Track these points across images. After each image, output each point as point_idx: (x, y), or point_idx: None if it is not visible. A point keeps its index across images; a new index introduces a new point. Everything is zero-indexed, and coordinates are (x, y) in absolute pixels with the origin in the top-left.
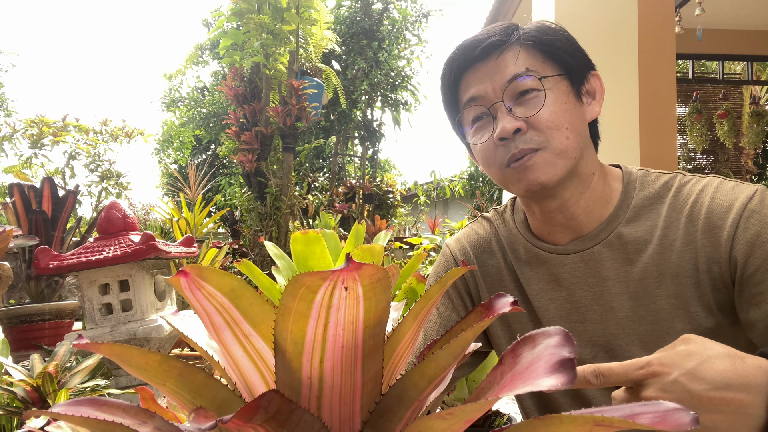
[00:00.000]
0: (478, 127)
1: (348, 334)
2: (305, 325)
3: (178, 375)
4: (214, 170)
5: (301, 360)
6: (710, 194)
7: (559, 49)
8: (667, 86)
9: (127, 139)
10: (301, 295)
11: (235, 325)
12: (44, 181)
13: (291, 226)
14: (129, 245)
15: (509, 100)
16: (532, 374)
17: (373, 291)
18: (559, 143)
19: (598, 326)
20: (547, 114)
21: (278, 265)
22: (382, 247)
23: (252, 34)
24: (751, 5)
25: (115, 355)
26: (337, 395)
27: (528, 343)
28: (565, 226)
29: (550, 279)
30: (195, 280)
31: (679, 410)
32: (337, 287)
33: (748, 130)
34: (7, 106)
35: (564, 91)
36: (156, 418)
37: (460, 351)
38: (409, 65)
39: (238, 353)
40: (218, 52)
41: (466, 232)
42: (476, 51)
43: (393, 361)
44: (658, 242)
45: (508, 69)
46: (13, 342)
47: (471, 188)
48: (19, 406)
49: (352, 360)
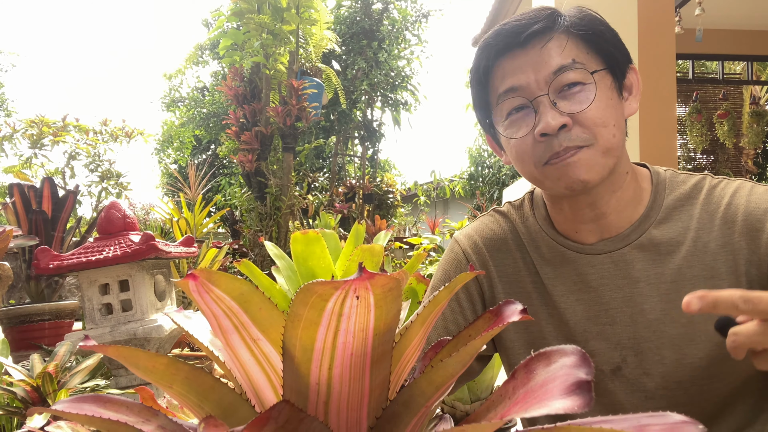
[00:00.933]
0: (514, 119)
1: (358, 341)
2: (315, 332)
3: (185, 378)
4: (214, 170)
5: (310, 366)
6: (744, 197)
7: (607, 41)
8: (667, 86)
9: (127, 139)
10: (312, 302)
11: (243, 329)
12: (44, 181)
13: (291, 226)
14: (129, 245)
15: (553, 92)
16: (546, 394)
17: (385, 300)
18: (606, 141)
19: (628, 329)
20: (596, 110)
21: (278, 265)
22: (382, 247)
23: (252, 34)
24: (751, 5)
25: (123, 357)
26: (345, 401)
27: (543, 360)
28: (594, 224)
29: (577, 280)
30: (204, 283)
31: (688, 423)
32: (348, 296)
33: (748, 130)
34: (7, 106)
35: (609, 85)
36: (159, 415)
37: (468, 359)
38: (409, 65)
39: (245, 356)
40: (218, 52)
41: (477, 226)
42: (520, 37)
43: (400, 367)
44: (691, 244)
45: (553, 60)
46: (13, 342)
47: (471, 188)
48: (19, 406)
49: (360, 367)
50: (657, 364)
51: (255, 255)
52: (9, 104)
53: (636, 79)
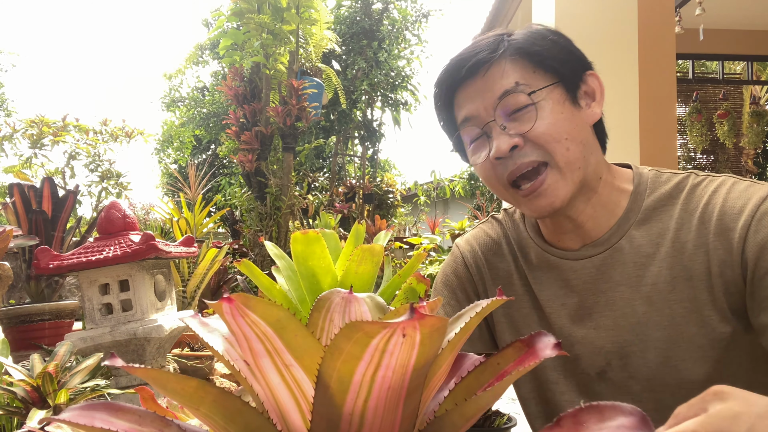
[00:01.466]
0: (475, 146)
1: (397, 376)
2: (355, 366)
3: (212, 401)
4: (214, 170)
5: (345, 398)
6: (723, 195)
7: (548, 57)
8: (667, 86)
9: (127, 139)
10: (357, 339)
11: (276, 354)
12: (44, 181)
13: (291, 226)
14: (129, 245)
15: (502, 117)
16: None
17: (431, 338)
18: (561, 156)
19: (612, 332)
20: (543, 127)
21: (278, 265)
22: (382, 247)
23: (252, 34)
24: (751, 5)
25: (151, 379)
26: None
27: (595, 414)
28: (574, 233)
29: (561, 284)
30: (239, 307)
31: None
32: (395, 334)
33: (748, 130)
34: (7, 106)
35: (558, 99)
36: (173, 425)
37: (501, 392)
38: (409, 65)
39: (275, 380)
40: (218, 52)
41: (476, 233)
42: (462, 71)
43: (427, 393)
44: (670, 245)
45: (496, 85)
46: (13, 342)
47: (471, 188)
48: (19, 406)
49: (396, 400)
50: (642, 367)
51: (255, 255)
52: (9, 104)
53: (598, 84)
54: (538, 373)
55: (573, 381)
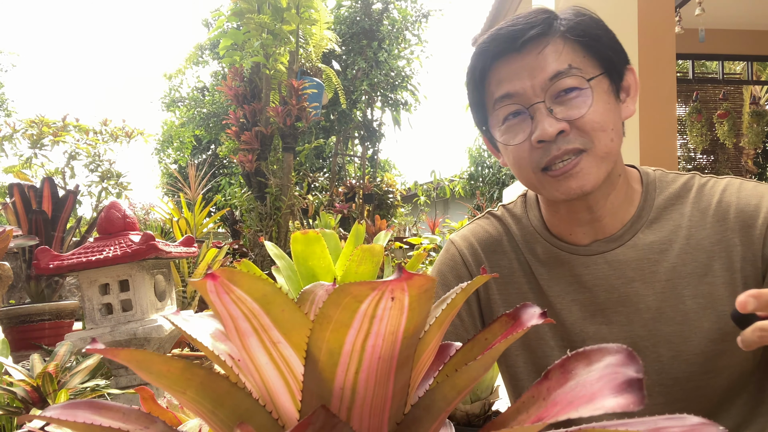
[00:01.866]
0: (510, 125)
1: (387, 344)
2: (345, 334)
3: (200, 383)
4: (214, 170)
5: (336, 371)
6: (734, 193)
7: (600, 44)
8: (667, 86)
9: (127, 139)
10: (345, 304)
11: (263, 332)
12: (44, 181)
13: (291, 226)
14: (129, 245)
15: (549, 99)
16: (594, 394)
17: (419, 302)
18: (604, 146)
19: (624, 328)
20: (593, 115)
21: (278, 265)
22: (382, 247)
23: (252, 34)
24: (751, 5)
25: (135, 361)
26: (368, 406)
27: (582, 360)
28: (589, 226)
29: (572, 280)
30: (224, 283)
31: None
32: (384, 297)
33: (748, 130)
34: (7, 106)
35: (606, 89)
36: (158, 422)
37: (491, 362)
38: (409, 65)
39: (262, 360)
40: (218, 52)
41: (473, 228)
42: (517, 43)
43: (417, 370)
44: (684, 242)
45: (549, 66)
46: (13, 342)
47: (471, 188)
48: (19, 406)
49: (386, 370)
50: (653, 361)
51: (255, 255)
52: (9, 104)
53: (634, 79)
54: (539, 365)
55: None
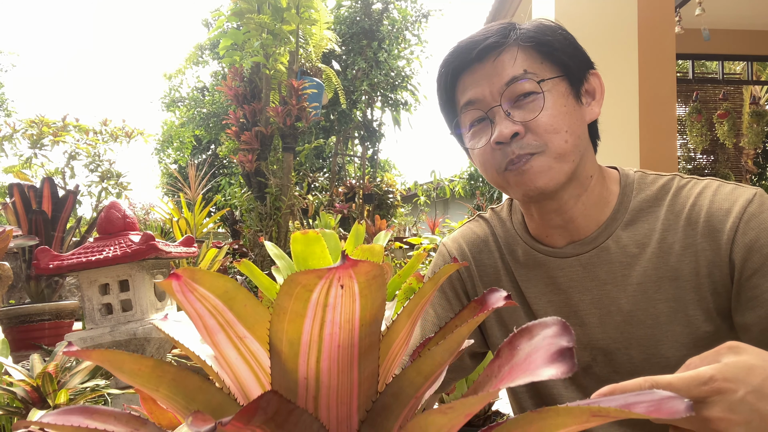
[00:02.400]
0: (475, 131)
1: (344, 332)
2: (301, 324)
3: (171, 380)
4: (214, 170)
5: (297, 360)
6: (709, 197)
7: (558, 49)
8: (667, 86)
9: (127, 139)
10: (296, 294)
11: (229, 328)
12: (44, 181)
13: (291, 226)
14: (129, 245)
15: (507, 103)
16: (531, 365)
17: (369, 289)
18: (557, 147)
19: (597, 330)
20: (546, 118)
21: (278, 265)
22: (382, 247)
23: (252, 34)
24: (751, 5)
25: (107, 362)
26: (335, 395)
27: (525, 335)
28: (562, 229)
29: (548, 282)
30: (187, 282)
31: (674, 398)
32: (333, 285)
33: (748, 130)
34: (7, 106)
35: (563, 92)
36: (149, 424)
37: (455, 347)
38: (409, 65)
39: (232, 356)
40: (218, 52)
41: (463, 231)
42: (473, 53)
43: (388, 360)
44: (656, 245)
45: (505, 71)
46: (13, 342)
47: (471, 188)
48: (19, 406)
49: (348, 359)
50: (626, 363)
51: (255, 255)
52: (9, 104)
53: (599, 84)
54: None
55: None
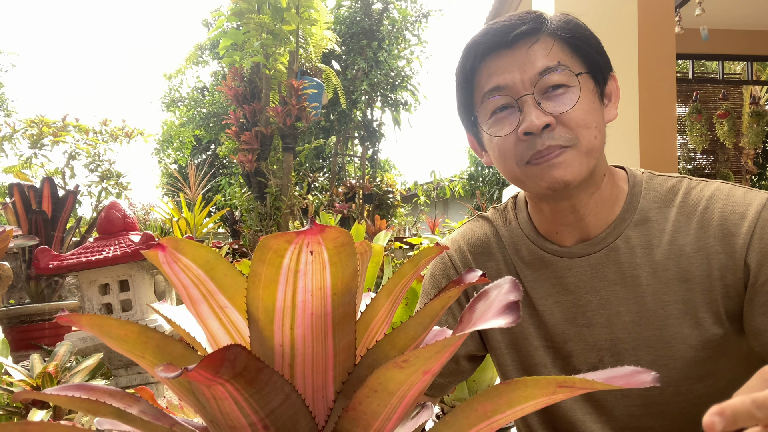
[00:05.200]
0: (498, 118)
1: (317, 300)
2: (275, 291)
3: (156, 346)
4: (214, 170)
5: (273, 327)
6: (722, 201)
7: (590, 45)
8: (667, 86)
9: (127, 139)
10: (269, 260)
11: (211, 298)
12: (44, 181)
13: (291, 226)
14: (129, 245)
15: (538, 92)
16: (483, 319)
17: (339, 256)
18: (588, 142)
19: (605, 330)
20: (579, 112)
21: None
22: (382, 247)
23: (252, 34)
24: (751, 5)
25: (95, 326)
26: (309, 363)
27: (482, 297)
28: (573, 227)
29: (555, 282)
30: (171, 252)
31: (641, 372)
32: (303, 251)
33: (748, 130)
34: (7, 106)
35: (591, 89)
36: (141, 401)
37: (428, 321)
38: (409, 65)
39: (214, 326)
40: (218, 52)
41: (463, 231)
42: (508, 37)
43: (367, 336)
44: (667, 247)
45: (539, 61)
46: (13, 342)
47: (471, 188)
48: (18, 406)
49: (322, 327)
50: (633, 364)
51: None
52: (9, 104)
53: (616, 87)
54: (531, 371)
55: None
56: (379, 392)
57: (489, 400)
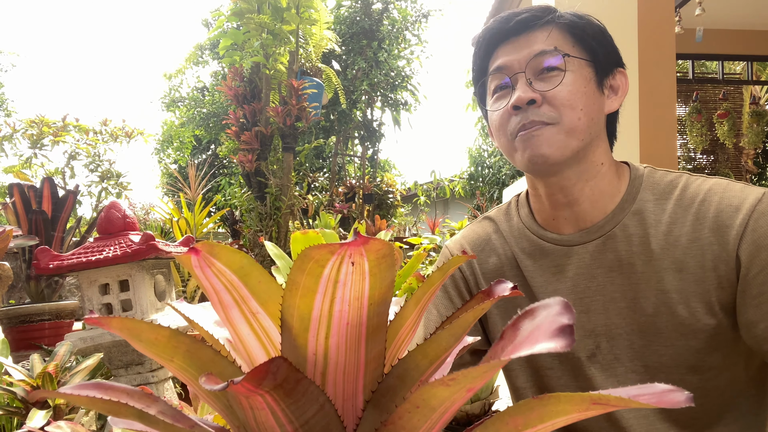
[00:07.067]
0: (498, 96)
1: (354, 310)
2: (312, 300)
3: (186, 351)
4: (214, 170)
5: (307, 336)
6: (719, 194)
7: (589, 35)
8: (667, 86)
9: (127, 139)
10: (309, 269)
11: (243, 303)
12: (44, 181)
13: (291, 226)
14: (129, 245)
15: (531, 73)
16: (532, 341)
17: (379, 267)
18: (569, 122)
19: (601, 316)
20: (564, 92)
21: (278, 265)
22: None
23: (252, 34)
24: (751, 5)
25: (126, 330)
26: (341, 372)
27: (528, 316)
28: (569, 211)
29: (554, 271)
30: (206, 257)
31: (675, 391)
32: (344, 262)
33: (748, 130)
34: (7, 106)
35: (586, 76)
36: (159, 401)
37: (461, 332)
38: (409, 65)
39: (245, 331)
40: (218, 52)
41: (466, 232)
42: (510, 23)
43: (395, 345)
44: (662, 237)
45: (536, 44)
46: (13, 342)
47: (471, 188)
48: (19, 406)
49: (356, 337)
50: (627, 349)
51: (255, 255)
52: (9, 104)
53: (624, 82)
54: (533, 362)
55: (567, 365)
56: (421, 408)
57: (520, 414)
